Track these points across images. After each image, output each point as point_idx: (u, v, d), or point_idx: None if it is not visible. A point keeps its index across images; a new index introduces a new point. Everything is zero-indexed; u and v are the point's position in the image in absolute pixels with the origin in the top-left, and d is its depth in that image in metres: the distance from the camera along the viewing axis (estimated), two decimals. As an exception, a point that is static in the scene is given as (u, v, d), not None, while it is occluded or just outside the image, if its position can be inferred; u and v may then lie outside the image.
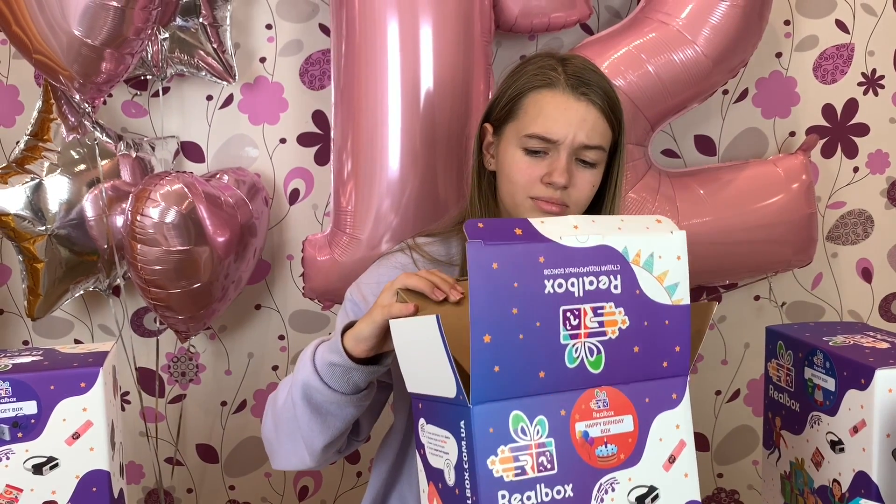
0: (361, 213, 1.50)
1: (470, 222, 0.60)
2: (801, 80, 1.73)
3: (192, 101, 1.69)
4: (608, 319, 0.66)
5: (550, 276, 0.63)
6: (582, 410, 0.66)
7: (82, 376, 0.86)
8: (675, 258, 0.69)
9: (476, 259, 0.59)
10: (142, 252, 1.44)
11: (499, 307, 0.61)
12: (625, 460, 0.68)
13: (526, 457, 0.63)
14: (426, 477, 0.70)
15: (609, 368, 0.67)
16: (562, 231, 0.64)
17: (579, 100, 0.99)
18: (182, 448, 1.79)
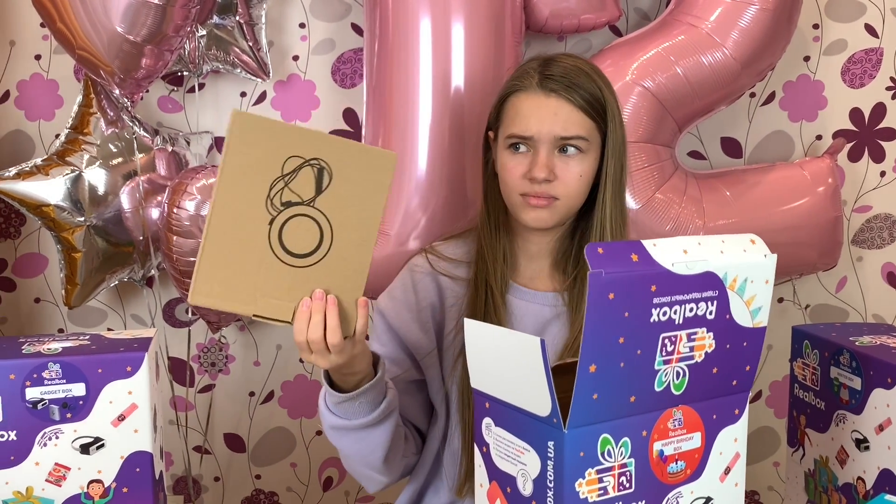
0: (391, 208, 1.53)
1: (590, 247, 0.62)
2: (828, 84, 1.74)
3: (226, 98, 1.73)
4: (698, 344, 0.68)
5: (658, 305, 0.64)
6: (660, 430, 0.68)
7: (128, 360, 0.89)
8: (764, 282, 0.71)
9: (595, 289, 0.60)
10: (177, 244, 1.48)
11: (607, 337, 0.62)
12: (690, 475, 0.70)
13: (609, 477, 0.65)
14: (487, 474, 0.72)
15: (689, 389, 0.69)
16: (673, 257, 0.65)
17: (549, 96, 1.04)
18: (210, 437, 1.83)
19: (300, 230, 0.87)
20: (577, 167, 1.05)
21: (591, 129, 1.05)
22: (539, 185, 1.04)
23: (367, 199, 0.89)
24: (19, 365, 0.87)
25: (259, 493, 1.87)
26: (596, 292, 0.61)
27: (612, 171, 1.06)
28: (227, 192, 0.83)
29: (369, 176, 0.89)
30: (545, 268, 1.13)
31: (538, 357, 0.63)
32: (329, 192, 0.87)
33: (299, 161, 0.85)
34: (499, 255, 1.11)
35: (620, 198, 1.08)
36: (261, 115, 0.84)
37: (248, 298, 0.86)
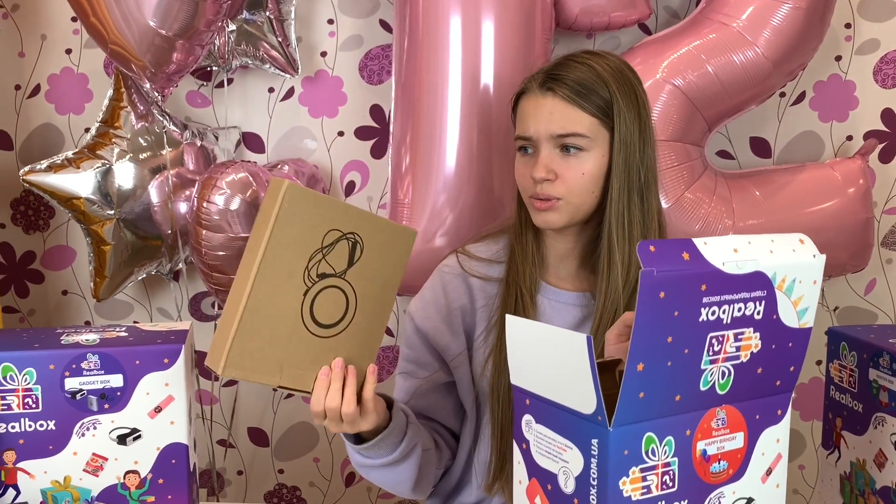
0: (418, 205, 1.53)
1: (642, 245, 0.61)
2: (860, 84, 1.72)
3: (254, 93, 1.74)
4: (744, 344, 0.68)
5: (708, 304, 0.64)
6: (704, 430, 0.68)
7: (166, 352, 0.90)
8: (812, 283, 0.70)
9: (647, 288, 0.60)
10: (206, 238, 1.49)
11: (656, 337, 0.62)
12: (732, 475, 0.70)
13: (652, 476, 0.65)
14: (527, 471, 0.72)
15: (733, 389, 0.69)
16: (724, 256, 0.64)
17: (545, 95, 1.03)
18: (234, 431, 1.84)
19: (329, 301, 0.89)
20: (580, 165, 1.03)
21: (592, 125, 1.02)
22: (541, 185, 1.03)
23: (388, 272, 0.93)
24: (59, 355, 0.88)
25: (281, 488, 1.88)
26: (647, 291, 0.61)
27: (620, 168, 1.03)
28: (271, 264, 0.83)
29: (393, 250, 0.93)
30: (573, 267, 1.12)
31: (584, 354, 0.63)
32: (359, 264, 0.90)
33: (338, 234, 0.87)
34: (528, 255, 1.11)
35: (636, 197, 1.04)
36: (307, 189, 0.86)
37: (275, 370, 0.87)
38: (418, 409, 1.15)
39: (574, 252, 1.11)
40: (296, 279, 0.85)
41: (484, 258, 1.15)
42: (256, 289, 0.83)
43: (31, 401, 0.87)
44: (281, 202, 0.82)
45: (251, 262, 0.84)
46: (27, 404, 0.87)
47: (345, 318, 0.90)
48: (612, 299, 1.04)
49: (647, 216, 1.06)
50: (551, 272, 1.13)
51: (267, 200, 0.85)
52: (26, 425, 0.88)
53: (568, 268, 1.12)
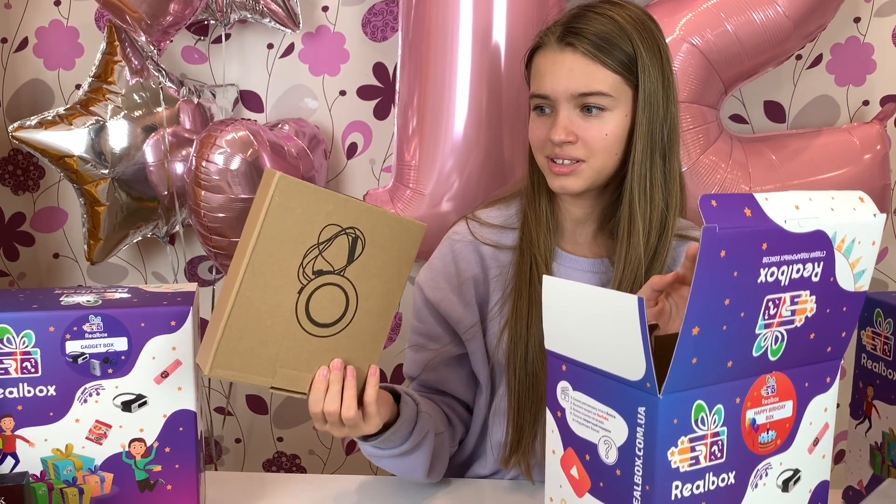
0: (425, 168, 1.48)
1: (704, 199, 0.57)
2: (878, 47, 1.67)
3: (252, 49, 1.67)
4: (800, 307, 0.64)
5: (767, 265, 0.60)
6: (754, 398, 0.64)
7: (173, 315, 0.85)
8: (871, 244, 0.66)
9: (708, 245, 0.56)
10: (205, 199, 1.43)
11: (714, 298, 0.58)
12: (780, 445, 0.67)
13: (701, 447, 0.62)
14: (562, 441, 0.68)
15: (785, 355, 0.65)
16: (786, 213, 0.60)
17: (564, 51, 0.97)
18: (232, 399, 1.80)
19: (327, 300, 0.83)
20: (602, 126, 0.97)
21: (616, 83, 0.96)
22: (560, 148, 0.97)
23: (393, 270, 0.87)
24: (59, 317, 0.83)
25: (281, 456, 1.84)
26: (708, 249, 0.56)
27: (644, 129, 0.97)
28: (261, 260, 0.77)
29: (398, 245, 0.86)
30: (591, 232, 1.07)
31: (634, 317, 0.59)
32: (359, 261, 0.84)
33: (336, 229, 0.81)
34: (542, 220, 1.05)
35: (658, 158, 0.99)
36: (302, 181, 0.79)
37: (267, 370, 0.82)
38: (430, 383, 1.11)
39: (591, 217, 1.06)
40: (289, 276, 0.80)
41: (496, 224, 1.10)
42: (246, 286, 0.77)
43: (30, 365, 0.82)
44: (272, 195, 0.76)
45: (241, 258, 0.78)
46: (26, 368, 0.82)
47: (344, 317, 0.84)
48: (633, 265, 1.00)
49: (670, 178, 1.01)
50: (567, 238, 1.08)
51: (259, 193, 0.79)
52: (25, 391, 0.83)
53: (585, 233, 1.07)
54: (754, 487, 0.66)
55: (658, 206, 1.00)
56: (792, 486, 0.69)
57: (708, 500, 0.63)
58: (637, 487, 0.61)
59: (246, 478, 1.09)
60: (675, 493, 0.61)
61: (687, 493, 0.62)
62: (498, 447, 1.09)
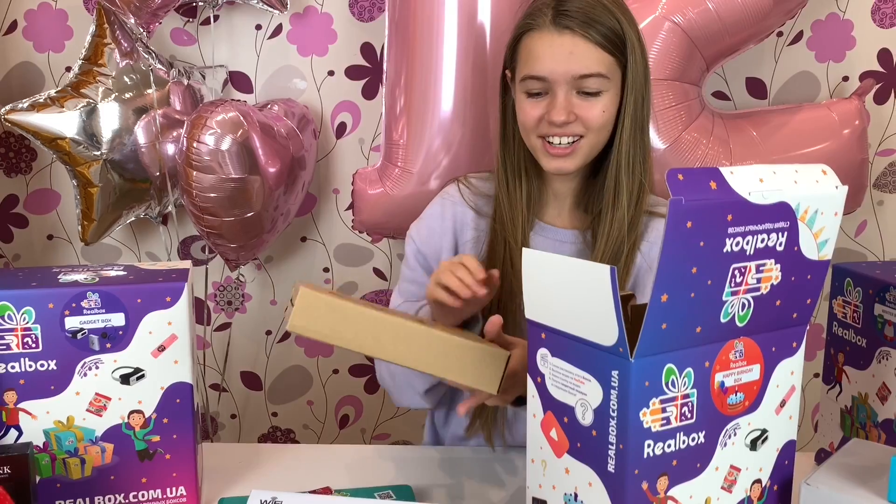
0: (414, 146, 1.50)
1: (671, 172, 0.60)
2: (858, 24, 1.70)
3: (241, 31, 1.68)
4: (765, 276, 0.67)
5: (733, 235, 0.63)
6: (722, 362, 0.68)
7: (168, 291, 0.88)
8: (833, 214, 0.70)
9: (674, 216, 0.59)
10: (197, 179, 1.46)
11: (681, 267, 0.61)
12: (748, 407, 0.71)
13: (672, 408, 0.65)
14: (541, 405, 0.72)
15: (752, 321, 0.69)
16: (749, 185, 0.64)
17: (562, 33, 0.99)
18: (227, 375, 1.83)
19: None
20: (600, 104, 1.01)
21: (610, 64, 1.00)
22: (560, 128, 1.01)
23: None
24: (58, 294, 0.85)
25: (276, 431, 1.88)
26: (675, 220, 0.60)
27: (631, 107, 1.02)
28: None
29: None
30: (569, 206, 1.11)
31: (607, 286, 0.62)
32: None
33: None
34: (519, 199, 1.08)
35: (640, 134, 1.04)
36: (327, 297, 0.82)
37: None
38: None
39: (570, 190, 1.10)
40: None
41: (483, 193, 1.14)
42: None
43: (31, 340, 0.85)
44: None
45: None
46: (27, 344, 0.85)
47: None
48: (614, 238, 1.03)
49: (647, 152, 1.06)
50: (547, 210, 1.12)
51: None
52: (26, 365, 0.86)
53: (563, 206, 1.11)
54: (723, 446, 0.70)
55: (637, 179, 1.04)
56: (760, 445, 0.72)
57: (678, 458, 0.67)
58: (612, 447, 0.65)
59: (242, 448, 1.13)
60: (647, 452, 0.65)
61: (658, 451, 0.66)
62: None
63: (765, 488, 0.74)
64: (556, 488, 0.72)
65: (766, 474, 0.74)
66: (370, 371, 1.85)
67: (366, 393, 1.85)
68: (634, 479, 0.65)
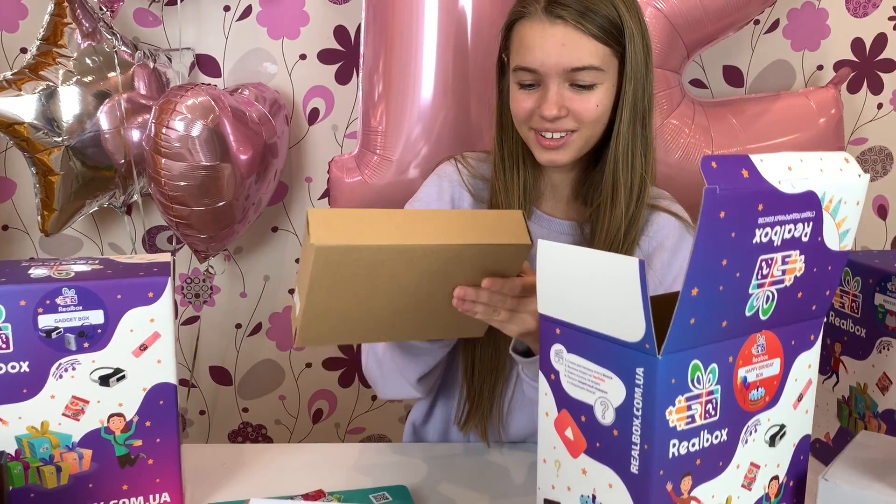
0: (393, 134, 1.46)
1: (705, 160, 0.57)
2: (832, 13, 1.71)
3: (208, 12, 1.62)
4: (790, 267, 0.65)
5: (762, 226, 0.61)
6: (745, 356, 0.66)
7: (151, 286, 0.82)
8: (855, 203, 0.68)
9: (709, 206, 0.57)
10: (166, 167, 1.39)
11: (712, 259, 0.59)
12: (768, 402, 0.69)
13: (697, 405, 0.63)
14: (556, 403, 0.69)
15: (775, 314, 0.67)
16: (779, 174, 0.61)
17: (554, 23, 0.94)
18: (196, 371, 1.77)
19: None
20: (594, 97, 0.96)
21: (605, 55, 0.96)
22: (552, 122, 0.97)
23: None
24: (30, 290, 0.79)
25: (246, 426, 1.83)
26: (709, 210, 0.57)
27: (629, 99, 0.98)
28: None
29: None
30: (566, 196, 1.08)
31: (635, 280, 0.59)
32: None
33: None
34: (515, 189, 1.04)
35: (639, 126, 1.00)
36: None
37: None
38: None
39: (568, 181, 1.06)
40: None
41: (480, 175, 1.09)
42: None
43: (1, 341, 0.79)
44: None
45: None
46: (-4, 345, 0.79)
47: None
48: (612, 232, 1.01)
49: (648, 144, 1.02)
50: (544, 200, 1.08)
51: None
52: (-4, 367, 0.80)
53: (560, 196, 1.08)
54: (744, 443, 0.68)
55: (638, 173, 1.01)
56: (778, 441, 0.71)
57: (702, 456, 0.65)
58: (635, 447, 0.62)
59: (224, 450, 1.08)
60: (672, 451, 0.62)
61: (683, 450, 0.63)
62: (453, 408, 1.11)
63: (781, 484, 0.72)
64: (571, 490, 0.69)
65: (784, 470, 0.72)
66: (344, 364, 1.80)
67: (340, 386, 1.81)
68: (659, 479, 0.62)
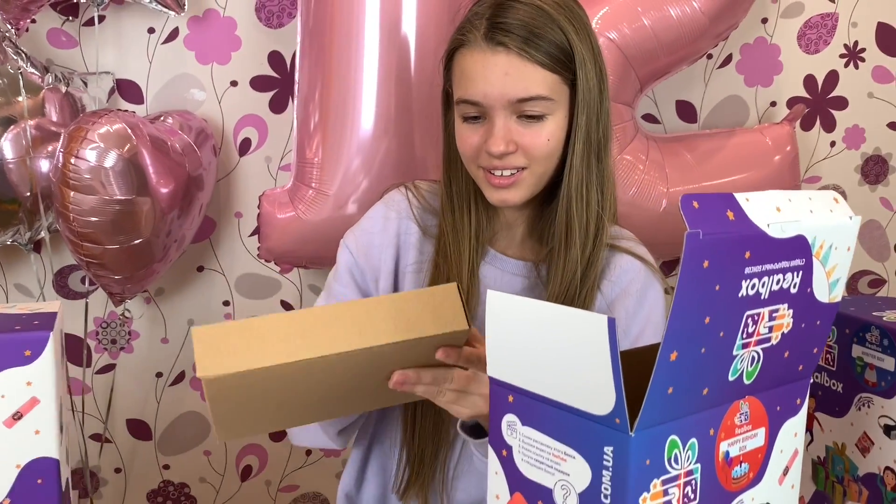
0: (330, 165, 1.35)
1: (685, 199, 0.49)
2: (784, 49, 1.67)
3: (130, 34, 1.50)
4: (777, 323, 0.56)
5: (749, 276, 0.52)
6: (727, 427, 0.57)
7: (28, 342, 0.69)
8: (846, 249, 0.59)
9: (691, 254, 0.47)
10: (75, 200, 1.25)
11: (694, 317, 0.50)
12: (752, 479, 0.60)
13: (674, 489, 0.53)
14: (507, 484, 0.58)
15: (759, 377, 0.58)
16: (767, 217, 0.53)
17: (496, 52, 0.85)
18: (111, 424, 1.61)
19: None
20: (543, 130, 0.87)
21: (554, 83, 0.87)
22: (500, 159, 0.87)
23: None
24: None
25: (167, 485, 1.67)
26: (691, 259, 0.47)
27: (582, 130, 0.89)
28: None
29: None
30: (520, 235, 0.98)
31: (604, 341, 0.49)
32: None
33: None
34: (466, 230, 0.94)
35: (594, 159, 0.91)
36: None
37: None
38: None
39: (522, 218, 0.97)
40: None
41: (434, 209, 0.98)
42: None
43: None
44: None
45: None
46: None
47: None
48: (569, 275, 0.91)
49: (605, 178, 0.93)
50: (498, 238, 0.98)
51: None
52: None
53: (515, 235, 0.98)
54: (727, 529, 0.58)
55: (594, 211, 0.91)
56: (762, 523, 0.61)
57: (679, 548, 0.55)
58: (603, 541, 0.52)
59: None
60: None
61: (659, 542, 0.53)
62: (392, 470, 0.98)
63: (766, 571, 0.63)
64: (526, 589, 0.58)
65: (768, 556, 0.63)
66: (277, 415, 1.66)
67: (271, 440, 1.67)
68: (631, 579, 0.52)
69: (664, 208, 1.45)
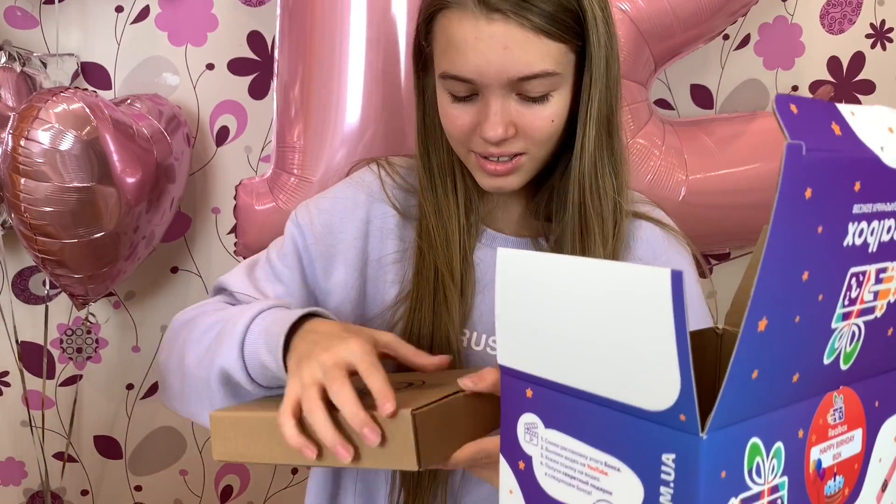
0: (313, 150, 1.22)
1: (780, 99, 0.35)
2: (806, 28, 1.55)
3: (96, 13, 1.38)
4: (883, 288, 0.43)
5: (857, 217, 0.39)
6: (819, 427, 0.43)
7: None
8: None
9: (792, 179, 0.34)
10: (26, 188, 1.12)
11: (790, 271, 0.36)
12: (848, 496, 0.46)
13: None
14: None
15: (858, 361, 0.45)
16: (880, 138, 0.39)
17: (491, 20, 0.70)
18: (76, 441, 1.47)
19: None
20: (546, 111, 0.73)
21: (560, 54, 0.72)
22: (497, 146, 0.74)
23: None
24: None
25: (139, 509, 1.52)
26: (792, 183, 0.34)
27: (595, 105, 0.75)
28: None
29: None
30: (518, 212, 0.84)
31: (665, 307, 0.35)
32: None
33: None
34: (453, 210, 0.80)
35: (608, 139, 0.77)
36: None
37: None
38: None
39: (518, 194, 0.83)
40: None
41: (408, 184, 0.84)
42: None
43: None
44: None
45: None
46: None
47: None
48: None
49: (618, 157, 0.79)
50: (492, 216, 0.84)
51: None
52: None
53: (510, 211, 0.84)
54: (817, 563, 0.44)
55: (611, 197, 0.78)
56: (858, 554, 0.47)
57: (761, 590, 0.41)
58: (662, 580, 0.38)
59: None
60: None
61: (735, 585, 0.39)
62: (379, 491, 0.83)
63: None
64: None
65: None
66: (259, 430, 1.52)
67: (253, 457, 1.52)
68: None
69: (683, 197, 1.32)
